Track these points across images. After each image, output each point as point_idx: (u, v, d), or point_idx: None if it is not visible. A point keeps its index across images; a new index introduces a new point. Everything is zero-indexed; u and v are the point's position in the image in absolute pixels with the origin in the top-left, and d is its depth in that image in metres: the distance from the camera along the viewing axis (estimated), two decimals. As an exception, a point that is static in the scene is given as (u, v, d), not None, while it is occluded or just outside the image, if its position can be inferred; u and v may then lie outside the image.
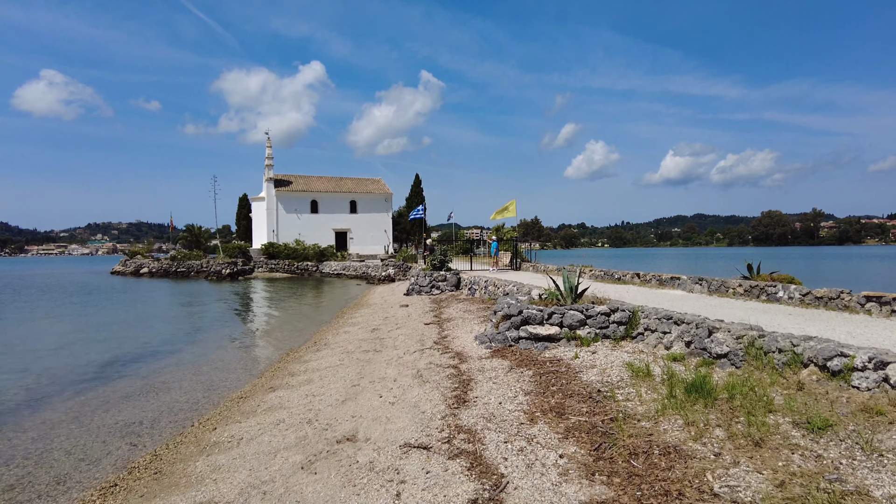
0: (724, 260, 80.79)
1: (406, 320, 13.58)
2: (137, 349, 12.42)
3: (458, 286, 20.25)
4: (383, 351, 9.89)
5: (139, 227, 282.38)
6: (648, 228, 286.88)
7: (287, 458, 5.10)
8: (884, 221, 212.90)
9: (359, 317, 16.04)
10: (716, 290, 13.91)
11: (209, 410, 7.44)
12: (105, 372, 10.10)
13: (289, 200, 55.61)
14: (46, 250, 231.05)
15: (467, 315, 13.00)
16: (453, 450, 4.71)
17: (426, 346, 9.70)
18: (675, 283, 15.47)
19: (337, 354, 10.15)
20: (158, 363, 10.82)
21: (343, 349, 10.62)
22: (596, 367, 6.94)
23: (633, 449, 4.30)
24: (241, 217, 73.93)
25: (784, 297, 11.71)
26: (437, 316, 13.61)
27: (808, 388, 5.01)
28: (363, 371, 8.41)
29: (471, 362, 7.93)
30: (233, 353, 11.78)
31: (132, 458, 5.78)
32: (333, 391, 7.41)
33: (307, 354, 10.73)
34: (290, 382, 8.40)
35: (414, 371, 7.83)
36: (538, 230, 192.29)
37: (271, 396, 7.64)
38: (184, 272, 47.73)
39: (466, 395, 6.33)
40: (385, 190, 60.74)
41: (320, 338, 12.84)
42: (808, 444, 4.00)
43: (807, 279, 12.97)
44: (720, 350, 6.42)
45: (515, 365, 7.42)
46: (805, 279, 13.51)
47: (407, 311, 15.62)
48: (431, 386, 6.86)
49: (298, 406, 6.93)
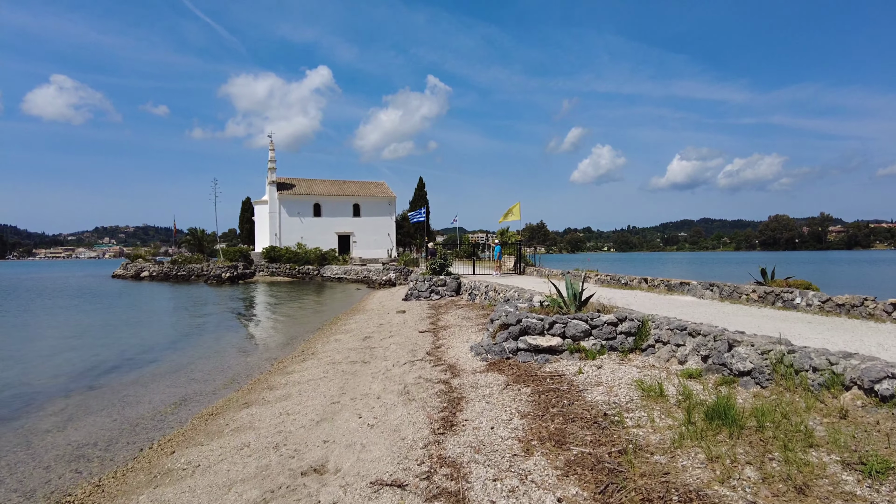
0: (732, 265, 79.53)
1: (401, 328, 12.86)
2: (113, 358, 11.76)
3: (459, 291, 19.51)
4: (372, 362, 9.17)
5: (146, 230, 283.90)
6: (654, 233, 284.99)
7: (241, 494, 4.39)
8: (893, 226, 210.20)
9: (353, 323, 15.33)
10: (728, 297, 13.11)
11: (174, 429, 6.74)
12: (72, 384, 9.41)
13: (291, 204, 55.16)
14: (54, 254, 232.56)
15: (465, 322, 12.27)
16: (432, 489, 3.97)
17: (418, 356, 8.97)
18: (685, 288, 14.68)
19: (322, 365, 9.44)
20: (133, 373, 10.15)
21: (330, 360, 9.91)
22: (602, 384, 6.19)
23: (647, 493, 3.55)
24: (244, 220, 73.70)
25: (802, 305, 10.91)
26: (433, 323, 12.88)
27: (853, 417, 4.24)
28: (346, 385, 7.69)
29: (464, 377, 7.19)
30: (214, 363, 11.10)
31: (72, 489, 5.08)
32: (310, 409, 6.70)
33: (292, 365, 10.03)
34: (266, 398, 7.69)
35: (400, 387, 7.10)
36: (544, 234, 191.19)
37: (243, 414, 6.93)
38: (184, 276, 47.31)
39: (455, 416, 5.59)
40: (388, 193, 60.18)
41: (309, 346, 12.14)
42: (866, 493, 3.23)
43: (820, 285, 12.23)
44: (742, 367, 5.65)
45: (512, 380, 6.68)
46: (818, 285, 12.77)
47: (403, 317, 14.90)
48: (417, 405, 6.13)
49: (269, 427, 6.22)
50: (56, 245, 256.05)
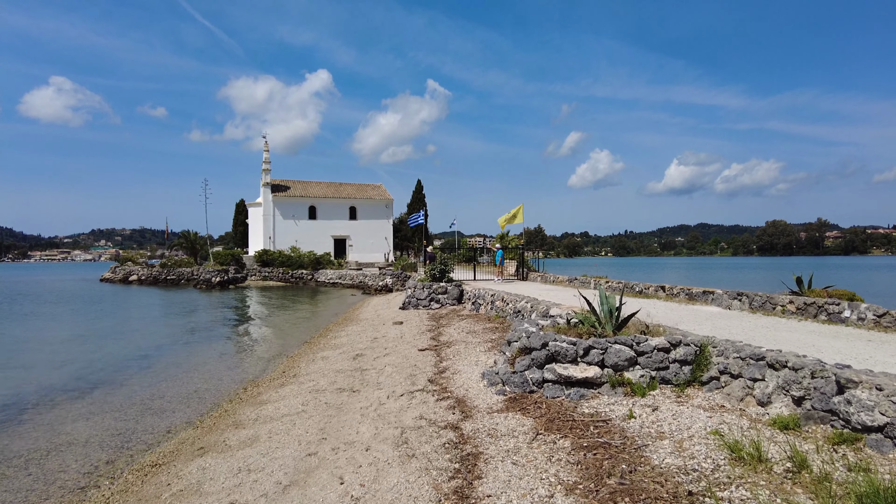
0: (732, 270, 78.14)
1: (397, 344, 11.28)
2: (61, 380, 10.05)
3: (461, 300, 17.95)
4: (362, 391, 7.58)
5: (143, 233, 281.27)
6: (651, 238, 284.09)
7: None
8: (889, 231, 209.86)
9: (344, 336, 13.74)
10: (760, 308, 11.60)
11: (92, 494, 5.12)
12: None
13: (286, 206, 53.56)
14: (50, 256, 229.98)
15: (471, 338, 10.70)
16: None
17: (417, 385, 7.40)
18: (709, 297, 13.16)
19: (303, 394, 7.84)
20: (75, 402, 8.46)
21: (313, 385, 8.32)
22: (666, 436, 4.63)
23: None
24: (237, 223, 71.83)
25: (852, 319, 9.39)
26: (434, 339, 11.31)
27: None
28: (329, 427, 6.09)
29: (478, 418, 5.62)
30: (180, 387, 9.47)
31: None
32: (279, 464, 5.11)
33: (268, 392, 8.44)
34: (228, 440, 6.09)
35: (396, 431, 5.52)
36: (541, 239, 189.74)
37: (192, 468, 5.34)
38: (174, 280, 45.55)
39: (472, 487, 4.03)
40: (386, 196, 58.65)
41: (292, 365, 10.53)
42: None
43: None
44: (869, 419, 4.10)
45: (543, 427, 5.11)
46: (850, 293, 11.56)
47: (400, 330, 13.31)
48: (419, 465, 4.55)
49: (220, 492, 4.63)
50: (52, 247, 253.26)
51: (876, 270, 68.87)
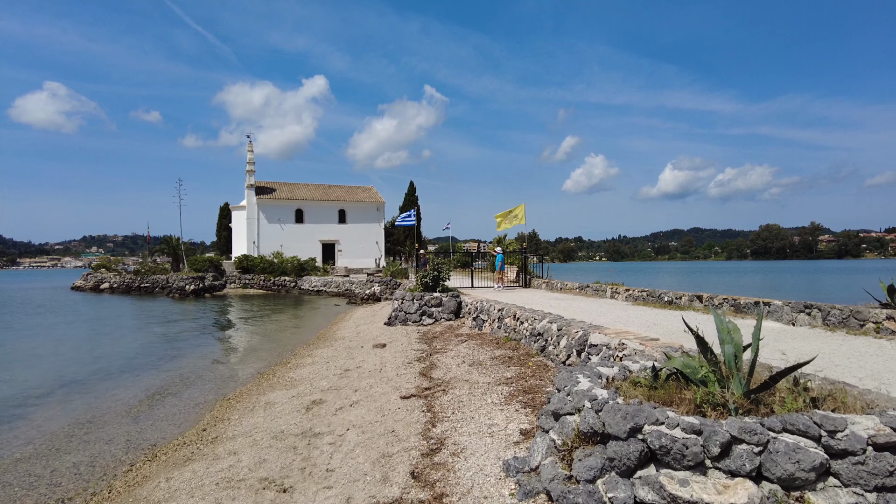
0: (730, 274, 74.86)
1: (374, 381, 8.18)
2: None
3: (458, 313, 14.88)
4: (297, 489, 4.49)
5: (134, 239, 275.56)
6: (645, 242, 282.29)
7: None
8: (881, 235, 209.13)
9: (308, 366, 10.60)
10: (841, 324, 8.57)
11: None
12: None
13: (272, 209, 50.36)
14: (39, 263, 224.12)
15: (476, 374, 7.62)
16: None
17: (393, 480, 4.32)
18: (764, 310, 10.12)
19: (206, 486, 4.74)
20: None
21: (227, 468, 5.20)
22: None
23: None
24: (221, 228, 68.52)
25: None
26: (424, 373, 8.21)
27: None
28: None
29: None
30: (39, 468, 6.30)
31: None
32: None
33: (164, 471, 5.32)
34: None
35: None
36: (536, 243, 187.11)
37: None
38: (147, 288, 42.16)
39: None
40: (377, 198, 55.61)
41: (219, 418, 7.37)
42: None
43: (840, 297, 8.45)
44: None
45: None
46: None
47: (381, 357, 10.20)
48: None
49: None
50: (42, 254, 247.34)
51: (885, 273, 66.45)
